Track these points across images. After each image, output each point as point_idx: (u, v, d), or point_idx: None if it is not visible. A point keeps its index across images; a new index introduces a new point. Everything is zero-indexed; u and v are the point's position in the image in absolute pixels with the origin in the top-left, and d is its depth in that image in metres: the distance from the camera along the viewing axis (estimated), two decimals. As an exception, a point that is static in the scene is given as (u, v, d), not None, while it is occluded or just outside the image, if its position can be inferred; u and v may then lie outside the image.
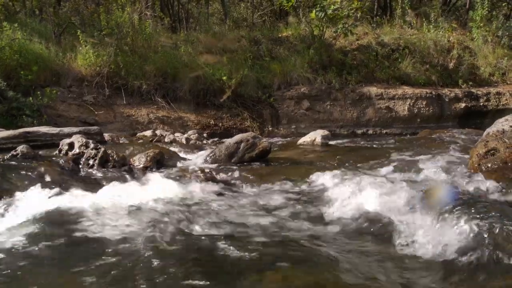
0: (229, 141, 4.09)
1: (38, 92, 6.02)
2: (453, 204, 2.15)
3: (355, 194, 2.61)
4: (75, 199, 2.49)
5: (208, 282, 1.49)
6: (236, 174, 3.43)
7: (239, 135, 4.14)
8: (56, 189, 2.63)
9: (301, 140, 5.44)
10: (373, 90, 7.61)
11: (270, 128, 7.28)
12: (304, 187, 3.02)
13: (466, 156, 3.51)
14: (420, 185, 2.62)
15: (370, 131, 7.46)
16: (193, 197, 2.67)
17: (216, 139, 5.96)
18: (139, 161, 3.55)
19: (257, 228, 2.11)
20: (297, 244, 1.91)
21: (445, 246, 1.85)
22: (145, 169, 3.43)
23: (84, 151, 3.35)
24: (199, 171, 3.28)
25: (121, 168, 3.29)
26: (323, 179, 3.14)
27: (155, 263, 1.64)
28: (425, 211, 2.16)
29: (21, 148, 3.26)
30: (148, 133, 5.98)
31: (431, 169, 3.30)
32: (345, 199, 2.60)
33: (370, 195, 2.53)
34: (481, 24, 8.79)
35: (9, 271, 1.62)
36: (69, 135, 3.83)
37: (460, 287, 1.59)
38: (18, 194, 2.50)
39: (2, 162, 3.04)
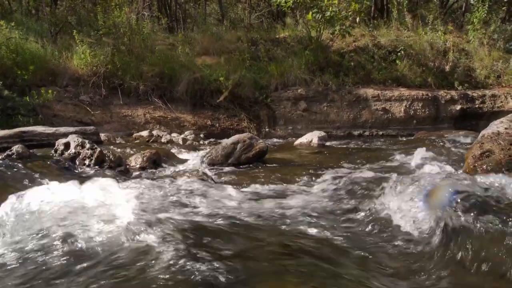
0: (226, 141, 4.09)
1: (34, 92, 6.00)
2: (450, 205, 2.16)
3: (352, 194, 2.61)
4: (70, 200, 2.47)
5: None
6: (233, 174, 3.43)
7: (236, 135, 4.14)
8: (52, 190, 2.61)
9: (298, 141, 5.46)
10: (370, 91, 7.64)
11: (267, 129, 7.29)
12: (300, 187, 3.02)
13: (462, 158, 3.54)
14: (417, 186, 2.62)
15: (367, 133, 7.48)
16: (189, 198, 2.66)
17: (212, 139, 5.96)
18: (135, 161, 3.54)
19: (253, 229, 2.11)
20: (293, 245, 1.91)
21: (442, 245, 1.86)
22: (141, 169, 3.42)
23: (80, 151, 3.33)
24: (195, 172, 3.27)
25: (117, 168, 3.28)
26: (320, 179, 3.15)
27: (147, 265, 1.63)
28: (422, 210, 2.17)
29: (16, 148, 3.24)
30: (144, 133, 5.97)
31: (427, 170, 3.31)
32: (342, 199, 2.60)
33: (368, 195, 2.54)
34: (478, 27, 8.85)
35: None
36: (65, 135, 3.81)
37: (456, 284, 1.60)
38: (12, 195, 2.48)
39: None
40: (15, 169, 2.88)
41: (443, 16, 10.49)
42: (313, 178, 3.25)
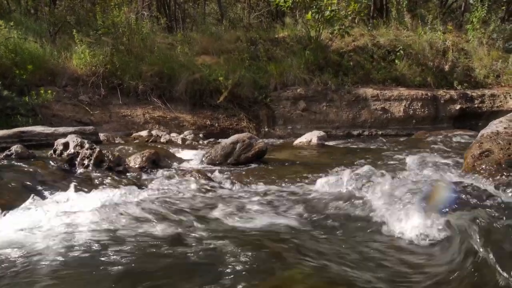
0: (225, 141, 4.09)
1: (33, 92, 5.99)
2: (449, 205, 2.16)
3: (350, 194, 2.61)
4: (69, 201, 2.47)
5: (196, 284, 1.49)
6: (232, 174, 3.42)
7: (235, 135, 4.13)
8: (50, 191, 2.61)
9: (297, 141, 5.46)
10: (369, 91, 7.64)
11: (266, 129, 7.29)
12: (299, 187, 3.02)
13: (461, 157, 3.54)
14: (416, 186, 2.62)
15: (366, 132, 7.48)
16: (188, 198, 2.66)
17: (212, 139, 5.95)
18: (134, 161, 3.53)
19: (250, 229, 2.11)
20: (290, 244, 1.91)
21: (441, 244, 1.86)
22: (141, 169, 3.42)
23: (79, 151, 3.33)
24: (194, 172, 3.27)
25: (116, 168, 3.28)
26: (318, 179, 3.15)
27: (143, 264, 1.63)
28: (420, 211, 2.17)
29: (15, 148, 3.23)
30: (143, 133, 5.97)
31: (426, 170, 3.31)
32: (341, 198, 2.60)
33: (367, 195, 2.54)
34: (477, 26, 8.85)
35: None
36: (64, 135, 3.80)
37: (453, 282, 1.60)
38: (10, 196, 2.47)
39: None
40: (14, 170, 2.87)
41: (443, 15, 10.49)
42: (313, 177, 3.24)
